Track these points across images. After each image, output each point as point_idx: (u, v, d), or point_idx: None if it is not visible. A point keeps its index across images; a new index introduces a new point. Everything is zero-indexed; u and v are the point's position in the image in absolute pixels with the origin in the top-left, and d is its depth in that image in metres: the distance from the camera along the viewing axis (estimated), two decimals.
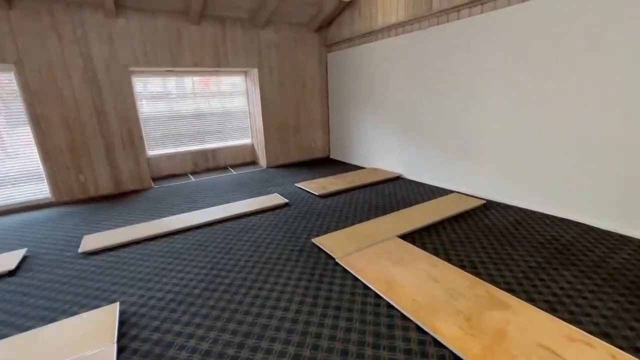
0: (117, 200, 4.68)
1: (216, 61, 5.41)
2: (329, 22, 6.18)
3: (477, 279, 2.33)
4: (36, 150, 4.37)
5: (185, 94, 5.87)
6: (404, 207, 3.89)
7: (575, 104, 3.12)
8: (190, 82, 5.89)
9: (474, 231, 3.16)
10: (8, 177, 4.29)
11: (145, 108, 5.56)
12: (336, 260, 2.68)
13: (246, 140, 6.73)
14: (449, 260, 2.65)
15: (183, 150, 6.06)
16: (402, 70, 4.90)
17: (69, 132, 4.51)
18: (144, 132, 5.61)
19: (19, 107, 4.20)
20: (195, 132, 6.11)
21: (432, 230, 3.24)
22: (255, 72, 5.92)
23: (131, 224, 3.74)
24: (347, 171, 5.76)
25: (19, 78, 4.10)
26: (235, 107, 6.44)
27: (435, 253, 2.77)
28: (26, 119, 4.25)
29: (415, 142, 4.93)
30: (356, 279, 2.43)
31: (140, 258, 2.91)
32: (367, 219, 3.59)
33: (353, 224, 3.47)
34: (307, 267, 2.63)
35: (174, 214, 3.97)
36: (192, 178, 5.76)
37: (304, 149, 6.78)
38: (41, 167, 4.44)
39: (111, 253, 3.04)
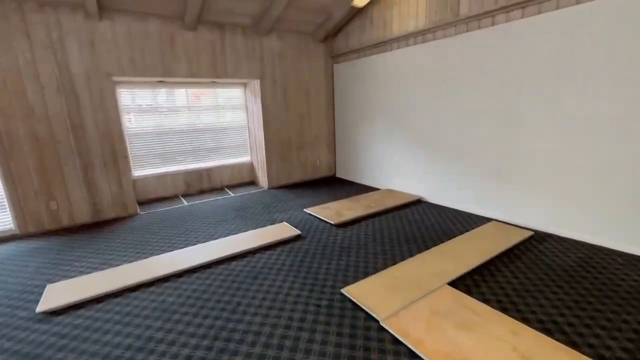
0: (95, 231, 3.96)
1: (214, 71, 4.84)
2: (335, 32, 5.72)
3: (577, 353, 1.74)
4: None
5: (178, 107, 5.25)
6: (439, 238, 3.31)
7: None
8: (184, 95, 5.28)
9: (537, 274, 2.59)
10: None
11: (131, 123, 4.90)
12: (380, 322, 2.05)
13: (245, 158, 6.11)
14: (525, 321, 2.05)
15: (174, 169, 5.39)
16: (422, 83, 4.42)
17: (39, 151, 3.81)
18: (129, 150, 4.93)
19: None
20: (188, 149, 5.47)
21: (485, 272, 2.65)
22: (256, 83, 5.37)
23: (110, 264, 3.04)
24: (358, 193, 5.18)
25: None
26: (233, 122, 5.84)
27: (503, 309, 2.18)
28: None
29: (439, 161, 4.41)
30: (414, 355, 1.80)
31: (118, 321, 2.22)
32: (401, 256, 2.98)
33: (386, 264, 2.85)
34: (344, 335, 1.99)
35: (164, 251, 3.29)
36: (185, 202, 5.07)
37: (309, 168, 6.19)
38: (2, 192, 3.70)
39: (80, 312, 2.33)
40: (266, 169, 5.65)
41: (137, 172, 5.07)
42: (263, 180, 5.84)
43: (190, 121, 5.41)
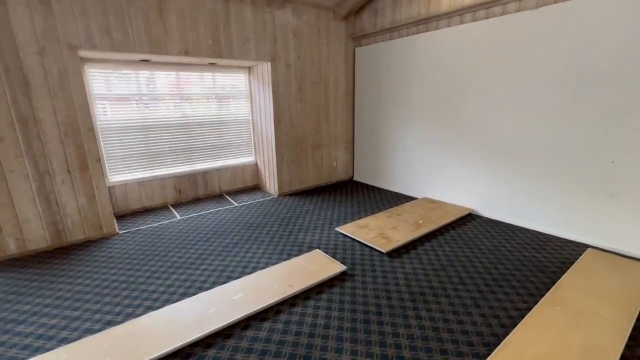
0: (56, 262, 2.88)
1: (216, 50, 3.77)
2: (359, 7, 4.75)
3: None
4: None
5: (165, 95, 4.16)
6: (535, 276, 2.48)
7: None
8: (174, 79, 4.19)
9: None
10: None
11: (106, 115, 3.78)
12: None
13: (248, 159, 5.09)
14: None
15: (162, 173, 4.31)
16: (483, 70, 3.54)
17: None
18: (103, 150, 3.82)
19: None
20: (178, 148, 4.39)
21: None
22: (266, 67, 4.33)
23: (72, 329, 2.01)
24: (386, 201, 4.29)
25: None
26: (234, 115, 4.79)
27: None
28: None
29: (499, 167, 3.57)
30: None
31: None
32: (506, 313, 2.12)
33: (495, 335, 1.98)
34: None
35: (154, 301, 2.28)
36: (177, 214, 4.02)
37: (324, 171, 5.24)
38: None
39: None
40: (276, 172, 4.66)
41: (115, 178, 3.97)
42: (271, 185, 4.85)
43: (181, 113, 4.32)
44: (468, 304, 2.18)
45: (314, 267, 2.62)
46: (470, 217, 3.74)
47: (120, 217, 3.98)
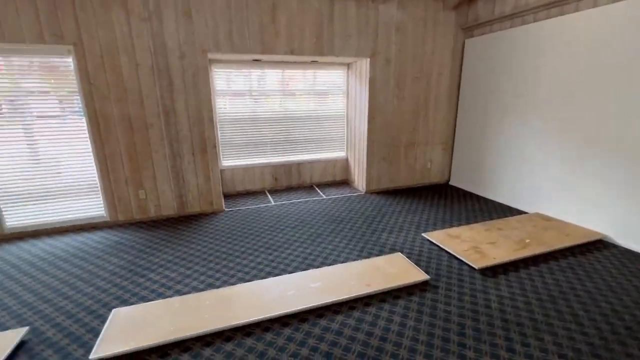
0: (179, 227, 3.53)
1: (318, 48, 3.95)
2: None
3: None
4: (92, 156, 3.44)
5: (271, 91, 4.58)
6: None
7: None
8: (279, 77, 4.57)
9: None
10: (62, 187, 3.43)
11: (224, 108, 4.40)
12: None
13: (340, 154, 5.21)
14: None
15: (263, 161, 4.79)
16: (633, 60, 2.76)
17: (131, 135, 3.49)
18: (219, 138, 4.46)
19: (76, 102, 3.29)
20: (279, 139, 4.80)
21: None
22: (364, 64, 4.32)
23: (185, 284, 2.44)
24: (485, 212, 3.79)
25: (77, 64, 3.16)
26: (330, 111, 4.95)
27: None
28: (83, 118, 3.33)
29: None
30: None
31: None
32: None
33: None
34: None
35: (246, 273, 2.58)
36: (272, 199, 4.42)
37: (417, 172, 4.96)
38: (96, 177, 3.50)
39: None
40: (365, 168, 4.64)
41: (225, 162, 4.60)
42: (359, 181, 4.86)
43: (284, 108, 4.70)
44: (583, 351, 1.78)
45: (394, 270, 2.53)
46: (600, 245, 3.01)
47: (227, 196, 4.61)
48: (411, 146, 4.79)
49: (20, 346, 1.87)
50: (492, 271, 2.57)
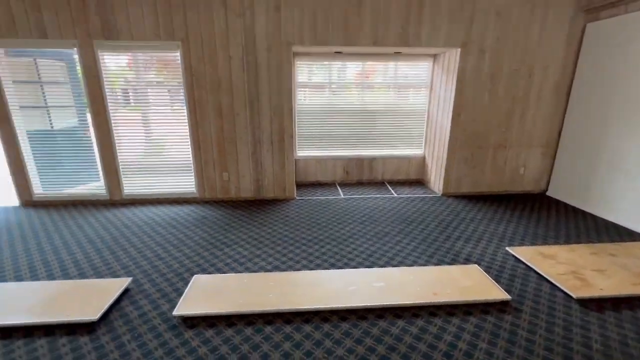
0: (254, 210, 3.80)
1: (403, 38, 3.75)
2: None
3: None
4: (189, 139, 3.91)
5: (349, 84, 4.54)
6: None
7: None
8: (359, 69, 4.50)
9: None
10: (165, 164, 3.99)
11: (303, 100, 4.54)
12: None
13: (416, 151, 4.92)
14: None
15: (336, 154, 4.82)
16: None
17: (221, 122, 3.85)
18: (296, 129, 4.63)
19: (181, 92, 3.76)
20: (353, 133, 4.75)
21: None
22: (454, 54, 3.96)
23: (254, 263, 2.61)
24: (592, 230, 3.13)
25: (183, 58, 3.60)
26: (410, 105, 4.69)
27: None
28: (184, 104, 3.79)
29: None
30: None
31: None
32: None
33: None
34: None
35: (310, 262, 2.63)
36: (341, 192, 4.43)
37: (505, 177, 4.39)
38: (191, 158, 3.98)
39: (209, 333, 1.89)
40: (444, 169, 4.29)
41: (300, 152, 4.76)
42: (436, 182, 4.52)
43: (361, 101, 4.62)
44: None
45: (468, 283, 2.28)
46: None
47: (299, 185, 4.78)
48: (501, 148, 4.25)
49: (125, 292, 2.25)
50: (596, 304, 2.12)
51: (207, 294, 2.16)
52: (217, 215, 3.63)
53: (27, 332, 1.87)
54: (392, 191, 4.53)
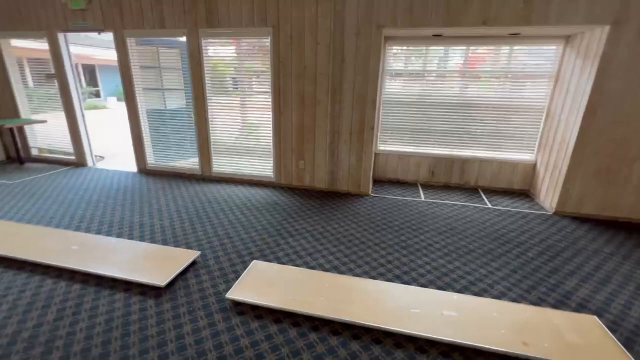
0: (325, 202, 3.69)
1: (524, 15, 3.03)
2: None
3: None
4: (271, 126, 4.00)
5: (450, 72, 3.96)
6: None
7: None
8: (462, 55, 3.87)
9: None
10: (249, 148, 4.21)
11: (389, 89, 4.17)
12: None
13: (524, 156, 4.05)
14: None
15: (422, 151, 4.33)
16: None
17: (302, 110, 3.82)
18: (378, 120, 4.30)
19: (267, 76, 3.85)
20: (446, 129, 4.17)
21: None
22: (598, 34, 3.02)
23: (313, 258, 2.50)
24: None
25: (273, 45, 3.65)
26: (524, 99, 3.84)
27: None
28: (270, 91, 3.87)
29: None
30: None
31: None
32: None
33: None
34: None
35: (373, 269, 2.37)
36: (423, 195, 3.97)
37: None
38: (272, 144, 4.08)
39: (254, 325, 1.84)
40: (561, 182, 3.40)
41: (381, 146, 4.43)
42: (548, 197, 3.64)
43: (460, 92, 3.99)
44: None
45: (578, 340, 1.70)
46: None
47: (376, 181, 4.47)
48: None
49: (193, 264, 2.40)
50: None
51: (260, 282, 2.13)
52: (289, 202, 3.64)
53: (113, 283, 2.14)
54: (487, 201, 3.84)
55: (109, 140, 7.25)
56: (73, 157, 4.91)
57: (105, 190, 3.88)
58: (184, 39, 3.89)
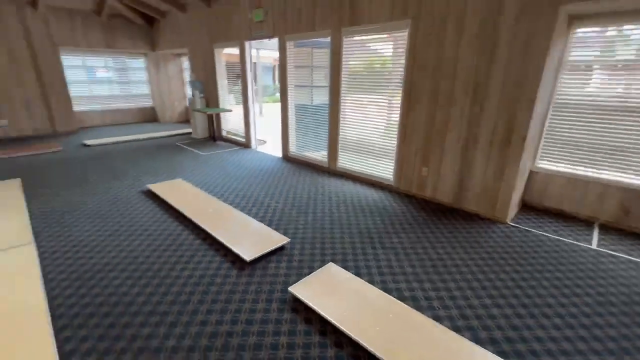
0: (443, 219, 3.16)
1: None
2: None
3: None
4: (397, 124, 3.73)
5: None
6: None
7: None
8: None
9: None
10: (372, 146, 4.11)
11: (567, 88, 3.05)
12: None
13: None
14: None
15: (608, 177, 2.99)
16: None
17: (433, 110, 3.36)
18: (538, 129, 3.24)
19: (399, 71, 3.58)
20: None
21: None
22: None
23: (397, 278, 2.19)
24: None
25: (409, 37, 3.35)
26: None
27: None
28: (400, 87, 3.60)
29: None
30: None
31: None
32: None
33: None
34: None
35: (486, 327, 1.85)
36: (596, 242, 2.76)
37: None
38: (395, 144, 3.81)
39: (300, 327, 1.80)
40: None
41: (542, 163, 3.35)
42: None
43: None
44: None
45: None
46: None
47: (525, 206, 3.44)
48: None
49: (280, 249, 2.58)
50: None
51: (326, 286, 2.06)
52: (400, 211, 3.33)
53: (218, 247, 2.59)
54: None
55: (275, 128, 8.74)
56: (244, 140, 6.21)
57: (252, 169, 4.70)
58: (328, 39, 4.12)
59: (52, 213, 3.17)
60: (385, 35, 3.63)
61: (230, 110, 6.31)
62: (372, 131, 4.05)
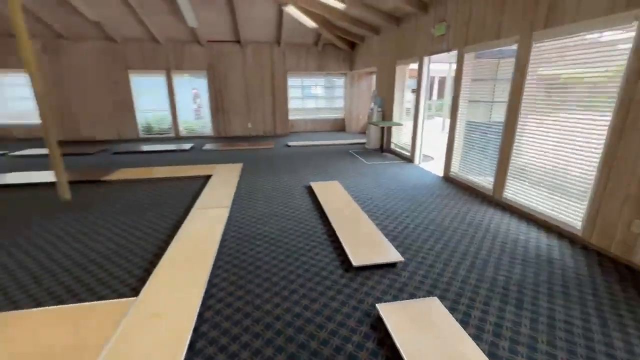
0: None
1: None
2: None
3: None
4: (598, 156, 2.71)
5: None
6: None
7: None
8: None
9: None
10: (555, 179, 3.16)
11: None
12: None
13: None
14: None
15: None
16: None
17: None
18: None
19: (609, 85, 2.58)
20: None
21: None
22: None
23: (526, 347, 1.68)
24: None
25: (637, 38, 2.36)
26: None
27: None
28: (611, 105, 2.58)
29: None
30: None
31: None
32: None
33: None
34: None
35: None
36: None
37: None
38: (591, 181, 2.78)
39: (365, 353, 1.73)
40: None
41: None
42: None
43: None
44: None
45: None
46: None
47: None
48: None
49: (391, 265, 2.50)
50: None
51: (417, 318, 1.86)
52: (586, 274, 2.43)
53: (339, 248, 2.81)
54: None
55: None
56: (409, 154, 6.20)
57: (406, 184, 4.66)
58: (514, 47, 3.50)
59: (247, 189, 4.41)
60: (596, 35, 2.71)
61: (401, 125, 6.44)
62: (555, 158, 3.12)
